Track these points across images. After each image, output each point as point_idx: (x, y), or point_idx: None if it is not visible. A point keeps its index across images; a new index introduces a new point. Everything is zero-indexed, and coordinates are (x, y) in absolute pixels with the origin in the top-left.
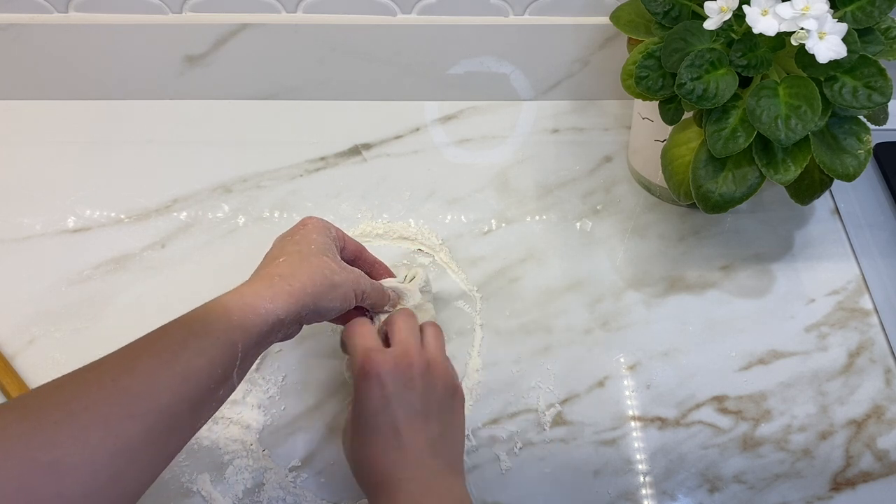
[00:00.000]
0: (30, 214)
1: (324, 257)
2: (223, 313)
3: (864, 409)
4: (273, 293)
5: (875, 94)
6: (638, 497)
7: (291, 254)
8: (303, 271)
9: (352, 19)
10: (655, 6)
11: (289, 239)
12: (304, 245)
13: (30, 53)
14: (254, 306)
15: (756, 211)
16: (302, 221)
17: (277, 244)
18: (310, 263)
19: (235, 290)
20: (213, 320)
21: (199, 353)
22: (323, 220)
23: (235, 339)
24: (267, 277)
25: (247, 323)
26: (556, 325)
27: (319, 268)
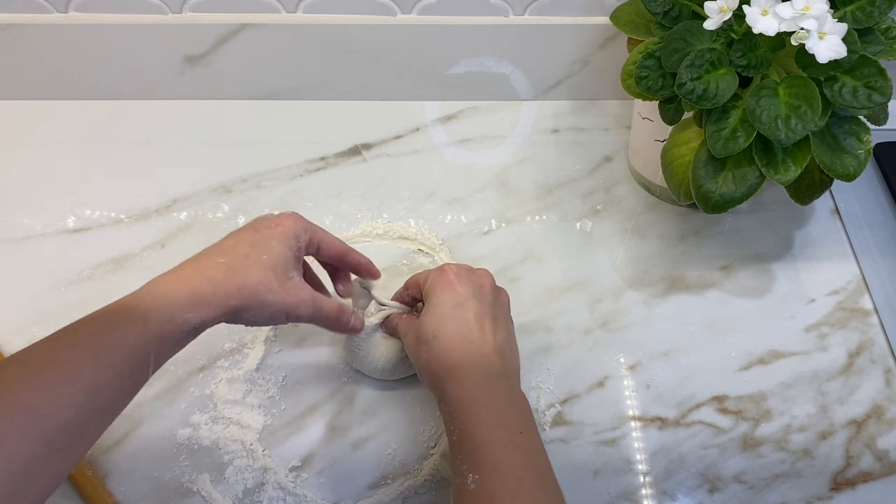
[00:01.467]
0: (30, 214)
1: (267, 272)
2: (140, 322)
3: (864, 409)
4: (195, 300)
5: (875, 94)
6: (638, 497)
7: (237, 256)
8: (235, 281)
9: (352, 19)
10: (655, 6)
11: (248, 236)
12: (256, 251)
13: (30, 53)
14: (172, 316)
15: (756, 211)
16: (278, 218)
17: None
18: (248, 275)
19: (158, 286)
20: (128, 329)
21: (108, 366)
22: (296, 226)
23: (148, 350)
24: (197, 276)
25: (163, 333)
26: (556, 325)
27: (255, 283)
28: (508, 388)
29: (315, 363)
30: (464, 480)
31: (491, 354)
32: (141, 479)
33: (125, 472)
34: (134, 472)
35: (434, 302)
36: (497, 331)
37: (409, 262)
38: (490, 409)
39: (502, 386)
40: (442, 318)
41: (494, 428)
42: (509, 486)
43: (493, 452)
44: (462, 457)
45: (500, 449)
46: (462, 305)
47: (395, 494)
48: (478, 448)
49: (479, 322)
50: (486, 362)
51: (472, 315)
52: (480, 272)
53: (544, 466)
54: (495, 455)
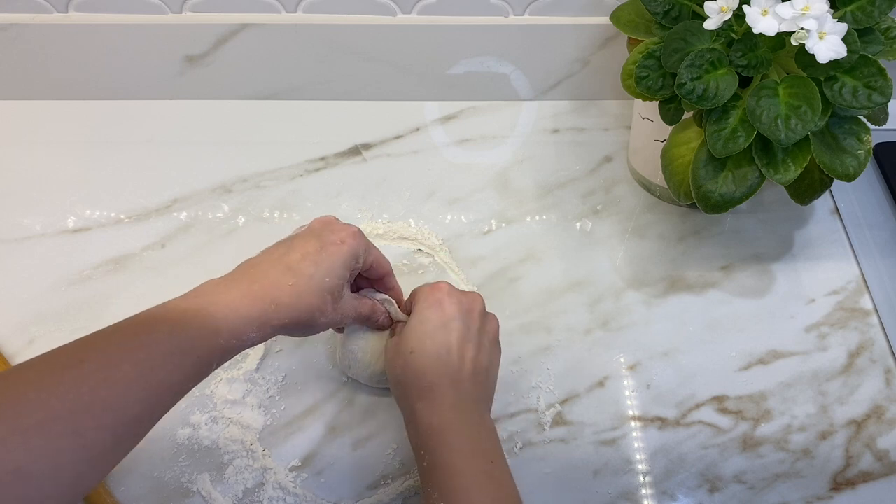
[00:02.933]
0: (30, 214)
1: (326, 296)
2: (212, 332)
3: (864, 409)
4: (262, 322)
5: (875, 94)
6: (638, 497)
7: (302, 278)
8: (298, 306)
9: (352, 19)
10: (655, 6)
11: (315, 250)
12: (320, 271)
13: (30, 53)
14: (240, 332)
15: (756, 211)
16: (342, 234)
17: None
18: (310, 301)
19: (230, 299)
20: (201, 337)
21: (178, 369)
22: (359, 246)
23: (213, 360)
24: (267, 297)
25: (228, 346)
26: (556, 325)
27: (314, 308)
28: (479, 415)
29: (315, 363)
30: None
31: (466, 380)
32: (141, 479)
33: (125, 472)
34: (134, 472)
35: (419, 318)
36: (478, 357)
37: (409, 262)
38: (462, 436)
39: (473, 413)
40: (423, 335)
41: (467, 457)
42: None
43: (465, 482)
44: (433, 485)
45: (471, 479)
46: (446, 326)
47: (395, 494)
48: (450, 477)
49: (459, 345)
50: (459, 388)
51: (455, 337)
52: (472, 295)
53: (514, 497)
54: (468, 485)
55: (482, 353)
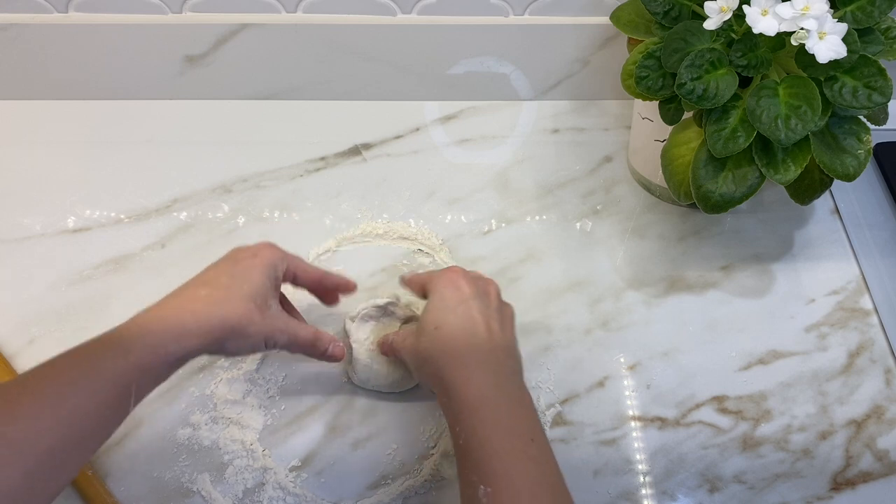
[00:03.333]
0: (30, 214)
1: (249, 303)
2: (122, 352)
3: (864, 409)
4: (179, 332)
5: (875, 94)
6: (638, 497)
7: (218, 288)
8: (219, 312)
9: (352, 19)
10: (655, 6)
11: (228, 268)
12: (236, 282)
13: (30, 53)
14: (154, 347)
15: (756, 211)
16: (255, 248)
17: (218, 267)
18: (231, 307)
19: (141, 319)
20: (109, 359)
21: (89, 395)
22: (275, 256)
23: (130, 380)
24: (179, 311)
25: (146, 364)
26: (556, 325)
27: (238, 314)
28: (517, 387)
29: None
30: (474, 491)
31: (498, 350)
32: (141, 479)
33: (125, 472)
34: (134, 472)
35: (437, 296)
36: (503, 331)
37: (409, 262)
38: (500, 412)
39: (509, 384)
40: (444, 310)
41: (506, 436)
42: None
43: (505, 465)
44: (471, 465)
45: (512, 461)
46: (465, 302)
47: (395, 494)
48: (489, 459)
49: (484, 318)
50: (493, 357)
51: (478, 312)
52: (487, 280)
53: (557, 478)
54: (508, 468)
55: (506, 328)
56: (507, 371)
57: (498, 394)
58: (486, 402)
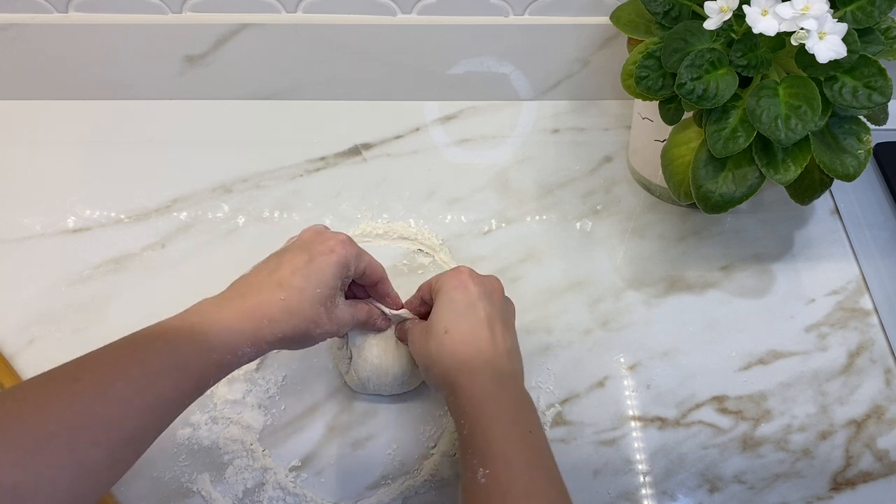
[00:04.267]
0: (30, 214)
1: (320, 307)
2: (206, 348)
3: (864, 409)
4: (255, 338)
5: (875, 94)
6: (638, 497)
7: (293, 291)
8: (292, 319)
9: (352, 19)
10: (655, 6)
11: (304, 263)
12: (311, 283)
13: (30, 53)
14: (234, 347)
15: (756, 211)
16: (331, 243)
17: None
18: (303, 313)
19: (223, 317)
20: (195, 353)
21: (173, 385)
22: (350, 253)
23: (209, 375)
24: (259, 313)
25: (223, 362)
26: (556, 325)
27: (309, 320)
28: (517, 389)
29: (315, 363)
30: (474, 474)
31: (501, 355)
32: (141, 479)
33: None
34: (134, 472)
35: (446, 298)
36: (506, 334)
37: (409, 262)
38: (502, 407)
39: (511, 386)
40: (454, 313)
41: (507, 425)
42: (522, 482)
43: (505, 449)
44: (473, 451)
45: (511, 445)
46: (473, 304)
47: (395, 494)
48: (489, 444)
49: (489, 323)
50: (496, 363)
51: (484, 314)
52: (492, 278)
53: (553, 466)
54: (507, 451)
55: (509, 331)
56: (509, 375)
57: (500, 392)
58: (489, 398)
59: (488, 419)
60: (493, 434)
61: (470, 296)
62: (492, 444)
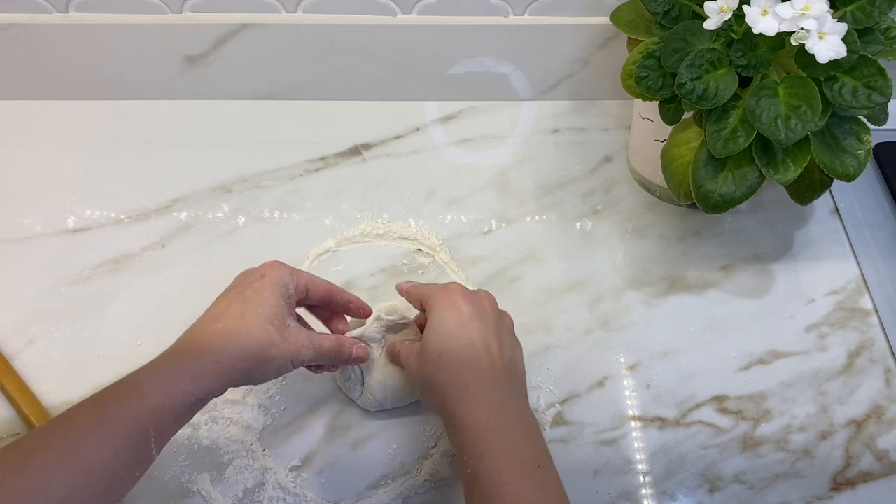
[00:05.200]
0: (30, 214)
1: (267, 326)
2: (135, 396)
3: (864, 409)
4: (197, 371)
5: (875, 94)
6: (638, 497)
7: (233, 317)
8: (237, 344)
9: (352, 19)
10: (655, 6)
11: (239, 293)
12: (250, 307)
13: (30, 53)
14: (170, 388)
15: (756, 211)
16: (262, 269)
17: (228, 296)
18: (249, 335)
19: (156, 363)
20: (123, 404)
21: (103, 442)
22: (283, 273)
23: (146, 424)
24: (196, 350)
25: (161, 406)
26: (556, 325)
27: (258, 341)
28: (520, 412)
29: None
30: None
31: (500, 374)
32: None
33: None
34: None
35: (437, 319)
36: (502, 348)
37: (409, 262)
38: (505, 439)
39: (514, 410)
40: (446, 335)
41: (512, 463)
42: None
43: (512, 491)
44: (479, 492)
45: (520, 488)
46: (465, 325)
47: (395, 494)
48: (497, 486)
49: (484, 342)
50: (496, 383)
51: (478, 335)
52: (481, 293)
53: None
54: (516, 493)
55: (505, 346)
56: (509, 395)
57: (502, 420)
58: (491, 429)
59: (492, 455)
60: (500, 474)
61: (462, 317)
62: (500, 487)
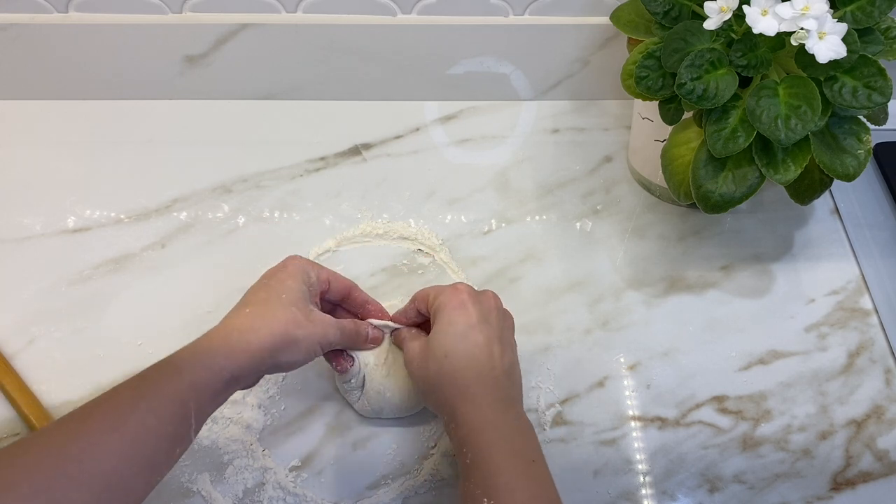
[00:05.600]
0: (30, 214)
1: (291, 308)
2: (174, 372)
3: (864, 409)
4: (229, 349)
5: (875, 94)
6: (638, 497)
7: (258, 303)
8: (265, 325)
9: (352, 19)
10: (655, 6)
11: (264, 283)
12: (274, 293)
13: (30, 53)
14: (206, 364)
15: (756, 211)
16: (283, 262)
17: (254, 287)
18: (274, 316)
19: (193, 343)
20: (164, 379)
21: (149, 414)
22: (304, 263)
23: (186, 398)
24: (226, 331)
25: (198, 381)
26: (556, 325)
27: (283, 322)
28: (516, 414)
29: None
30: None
31: (500, 378)
32: None
33: None
34: None
35: (445, 320)
36: (504, 352)
37: (409, 262)
38: (503, 434)
39: (511, 411)
40: (454, 336)
41: (509, 456)
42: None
43: (508, 479)
44: (475, 481)
45: (515, 478)
46: (474, 327)
47: (395, 494)
48: (493, 474)
49: (489, 345)
50: (497, 386)
51: (483, 338)
52: (488, 294)
53: (556, 498)
54: (511, 483)
55: (507, 350)
56: (508, 396)
57: (502, 418)
58: (490, 425)
59: (490, 448)
60: (497, 464)
61: (470, 318)
62: (496, 475)
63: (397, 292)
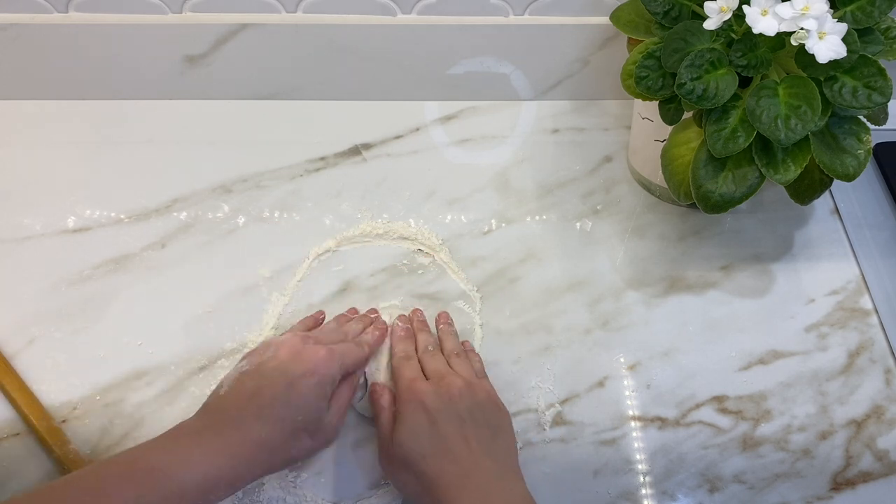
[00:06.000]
0: (30, 214)
1: (302, 434)
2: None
3: (864, 409)
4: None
5: (875, 94)
6: (638, 497)
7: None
8: (270, 460)
9: (352, 19)
10: (655, 6)
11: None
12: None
13: (30, 53)
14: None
15: (756, 211)
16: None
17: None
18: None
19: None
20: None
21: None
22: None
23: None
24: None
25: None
26: (556, 325)
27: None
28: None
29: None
30: None
31: (479, 459)
32: None
33: None
34: None
35: (405, 426)
36: (479, 431)
37: (409, 262)
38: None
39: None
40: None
41: None
42: None
43: None
44: None
45: None
46: (436, 423)
47: (395, 494)
48: None
49: (457, 434)
50: (475, 468)
51: (450, 429)
52: (448, 379)
53: None
54: None
55: (482, 428)
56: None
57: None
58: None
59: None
60: None
61: (429, 414)
62: None
63: (397, 292)
